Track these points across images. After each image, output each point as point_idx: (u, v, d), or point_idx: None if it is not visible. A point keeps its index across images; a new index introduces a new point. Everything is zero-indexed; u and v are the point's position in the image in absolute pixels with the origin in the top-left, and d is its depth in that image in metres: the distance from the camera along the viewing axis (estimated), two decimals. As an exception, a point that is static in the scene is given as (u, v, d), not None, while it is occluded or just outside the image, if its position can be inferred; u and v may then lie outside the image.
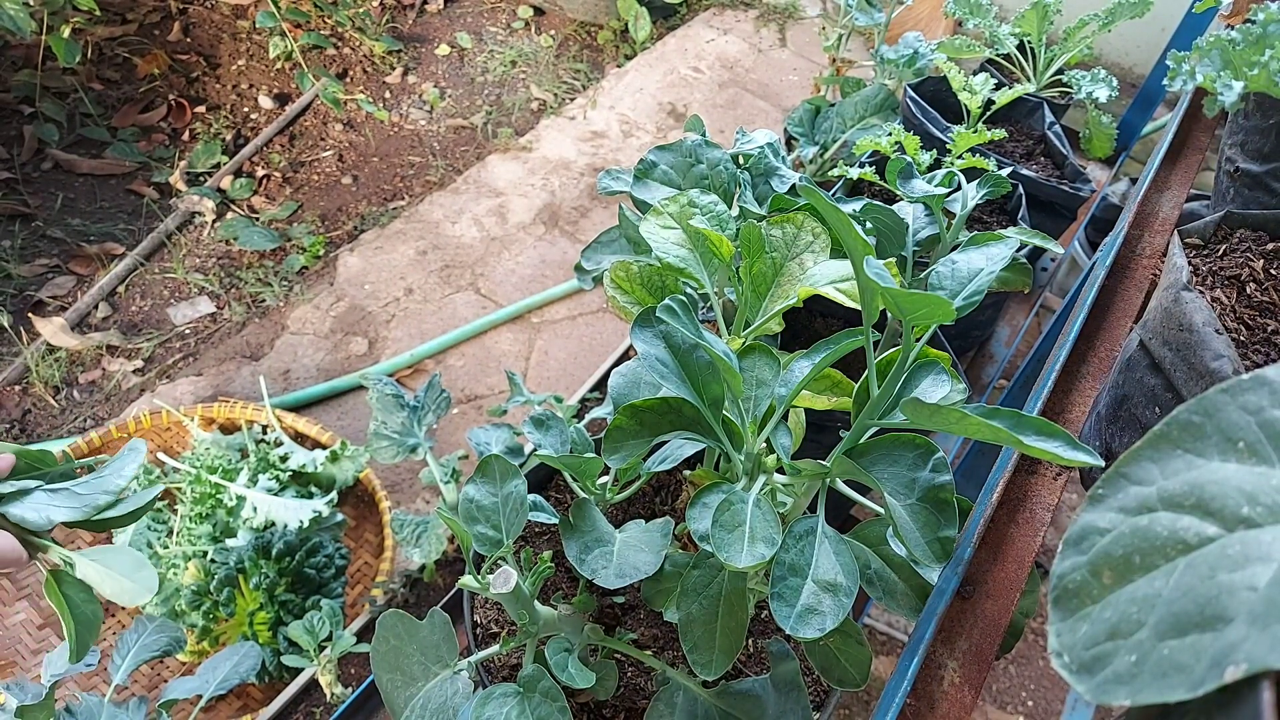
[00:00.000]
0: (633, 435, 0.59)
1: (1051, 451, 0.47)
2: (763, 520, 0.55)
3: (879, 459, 0.56)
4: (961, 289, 0.56)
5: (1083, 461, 0.46)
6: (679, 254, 0.75)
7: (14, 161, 2.28)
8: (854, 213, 0.91)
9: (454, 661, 0.63)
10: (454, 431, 1.89)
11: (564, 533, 0.65)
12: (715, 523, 0.54)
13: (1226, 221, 0.77)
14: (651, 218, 0.76)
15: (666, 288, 0.80)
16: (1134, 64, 2.96)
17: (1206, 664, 0.24)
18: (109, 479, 0.61)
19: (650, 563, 0.63)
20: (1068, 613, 0.29)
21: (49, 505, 0.59)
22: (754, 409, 0.63)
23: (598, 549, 0.64)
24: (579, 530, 0.65)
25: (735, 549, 0.53)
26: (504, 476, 0.64)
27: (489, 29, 3.05)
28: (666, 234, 0.76)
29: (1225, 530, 0.27)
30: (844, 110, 1.40)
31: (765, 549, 0.53)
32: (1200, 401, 0.30)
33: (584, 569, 0.62)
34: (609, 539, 0.66)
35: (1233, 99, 0.86)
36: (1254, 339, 0.67)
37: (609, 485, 0.78)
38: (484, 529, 0.62)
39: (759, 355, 0.64)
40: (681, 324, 0.57)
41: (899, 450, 0.56)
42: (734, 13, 3.26)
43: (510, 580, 0.60)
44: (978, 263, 0.56)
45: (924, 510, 0.54)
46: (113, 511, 0.61)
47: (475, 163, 2.54)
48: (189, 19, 2.73)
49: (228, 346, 2.00)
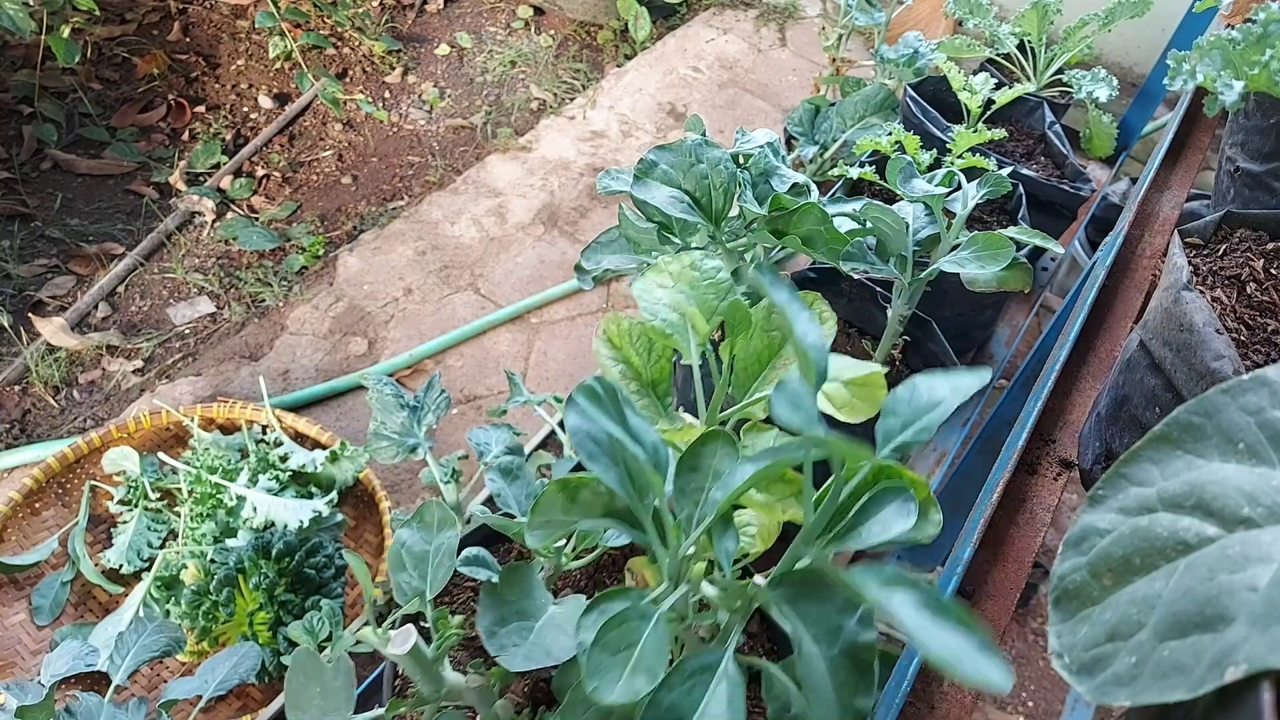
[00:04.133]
0: (561, 512, 0.52)
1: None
2: (657, 645, 0.47)
3: (805, 593, 0.48)
4: (915, 420, 0.48)
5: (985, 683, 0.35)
6: (667, 317, 0.69)
7: (13, 161, 2.28)
8: (854, 212, 0.91)
9: (347, 715, 0.59)
10: (454, 431, 1.89)
11: (483, 597, 0.57)
12: (599, 640, 0.46)
13: (1226, 221, 0.77)
14: (651, 275, 0.71)
15: (655, 351, 0.74)
16: (1134, 64, 2.96)
17: (1207, 664, 0.24)
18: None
19: (567, 649, 0.55)
20: (1068, 614, 0.29)
21: None
22: (694, 508, 0.54)
23: (515, 623, 0.57)
24: (502, 598, 0.58)
25: (609, 678, 0.45)
26: (441, 525, 0.60)
27: (488, 29, 3.05)
28: (660, 293, 0.70)
29: (1225, 531, 0.27)
30: (844, 110, 1.40)
31: (644, 683, 0.45)
32: (1200, 402, 0.30)
33: (491, 643, 0.55)
34: (535, 613, 0.58)
35: (1233, 99, 0.86)
36: (1254, 339, 0.67)
37: (565, 549, 0.72)
38: (408, 577, 0.58)
39: (720, 445, 0.55)
40: (603, 412, 0.49)
41: (829, 588, 0.47)
42: (734, 13, 3.26)
43: (408, 641, 0.55)
44: (940, 392, 0.48)
45: (845, 667, 0.44)
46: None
47: (474, 163, 2.54)
48: (188, 19, 2.73)
49: (227, 346, 2.00)
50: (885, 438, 0.46)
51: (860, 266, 0.90)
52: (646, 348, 0.73)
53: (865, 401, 0.65)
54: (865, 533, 0.47)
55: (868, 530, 0.47)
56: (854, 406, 0.66)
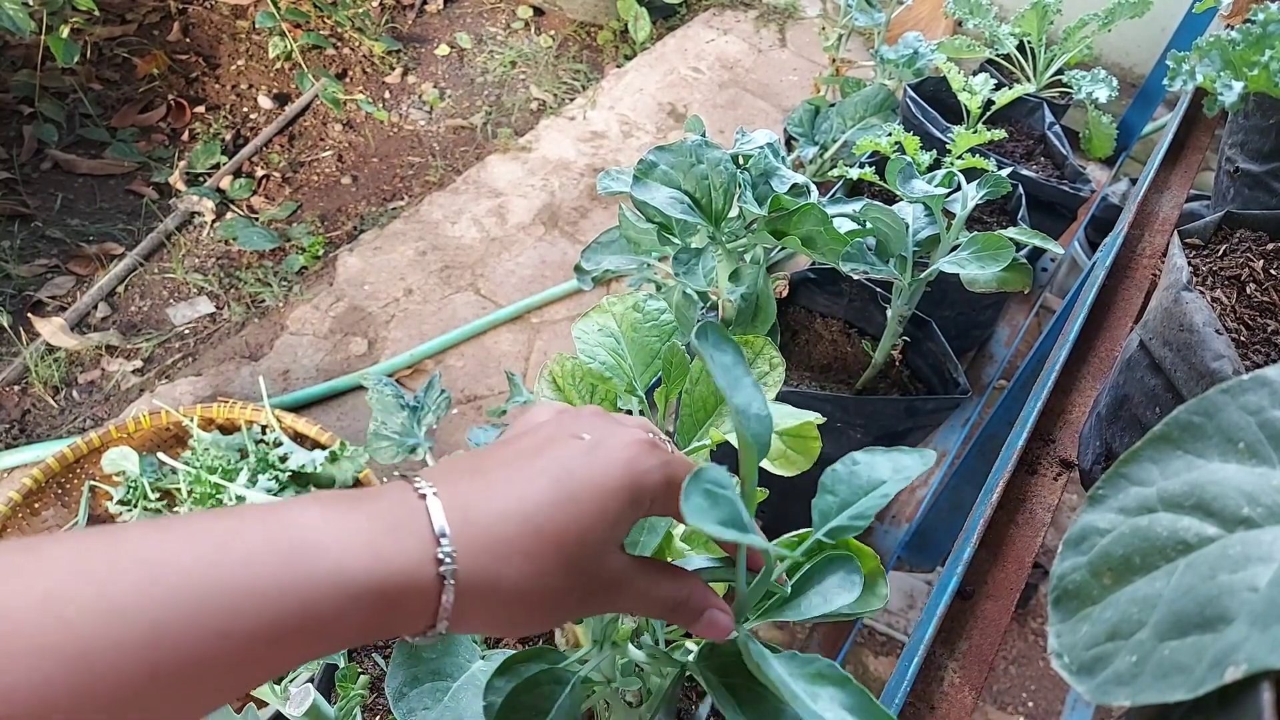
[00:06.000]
0: None
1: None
2: (571, 715, 0.44)
3: (738, 670, 0.43)
4: (854, 501, 0.44)
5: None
6: (605, 360, 0.66)
7: (13, 162, 2.28)
8: (854, 213, 0.91)
9: None
10: (454, 432, 1.89)
11: (396, 655, 0.52)
12: (507, 706, 0.43)
13: (1226, 221, 0.77)
14: (594, 315, 0.69)
15: (597, 395, 0.71)
16: (1134, 64, 2.96)
17: (1207, 664, 0.24)
18: None
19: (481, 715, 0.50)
20: (1068, 613, 0.29)
21: None
22: None
23: (429, 684, 0.51)
24: (417, 656, 0.52)
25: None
26: None
27: (489, 29, 3.05)
28: (599, 337, 0.67)
29: (1225, 531, 0.27)
30: (844, 110, 1.40)
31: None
32: (1200, 402, 0.30)
33: (398, 707, 0.50)
34: (453, 672, 0.52)
35: (1233, 99, 0.86)
36: (1254, 339, 0.67)
37: None
38: None
39: None
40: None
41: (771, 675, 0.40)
42: (734, 13, 3.26)
43: (305, 701, 0.51)
44: (881, 472, 0.45)
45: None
46: None
47: (475, 163, 2.54)
48: (188, 19, 2.73)
49: (227, 347, 2.00)
50: (822, 517, 0.44)
51: (860, 267, 0.90)
52: (589, 390, 0.70)
53: (801, 454, 0.64)
54: (804, 605, 0.44)
55: (807, 603, 0.44)
56: (789, 459, 0.64)
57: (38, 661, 0.26)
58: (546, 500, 0.36)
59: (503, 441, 0.41)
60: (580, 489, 0.37)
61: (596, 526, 0.36)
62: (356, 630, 0.33)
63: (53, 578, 0.27)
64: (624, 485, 0.38)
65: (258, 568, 0.30)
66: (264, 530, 0.31)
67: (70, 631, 0.27)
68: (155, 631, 0.28)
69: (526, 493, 0.36)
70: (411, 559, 0.33)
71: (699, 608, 0.41)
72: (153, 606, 0.28)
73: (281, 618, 0.30)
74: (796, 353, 1.14)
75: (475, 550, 0.34)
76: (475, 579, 0.34)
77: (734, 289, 0.86)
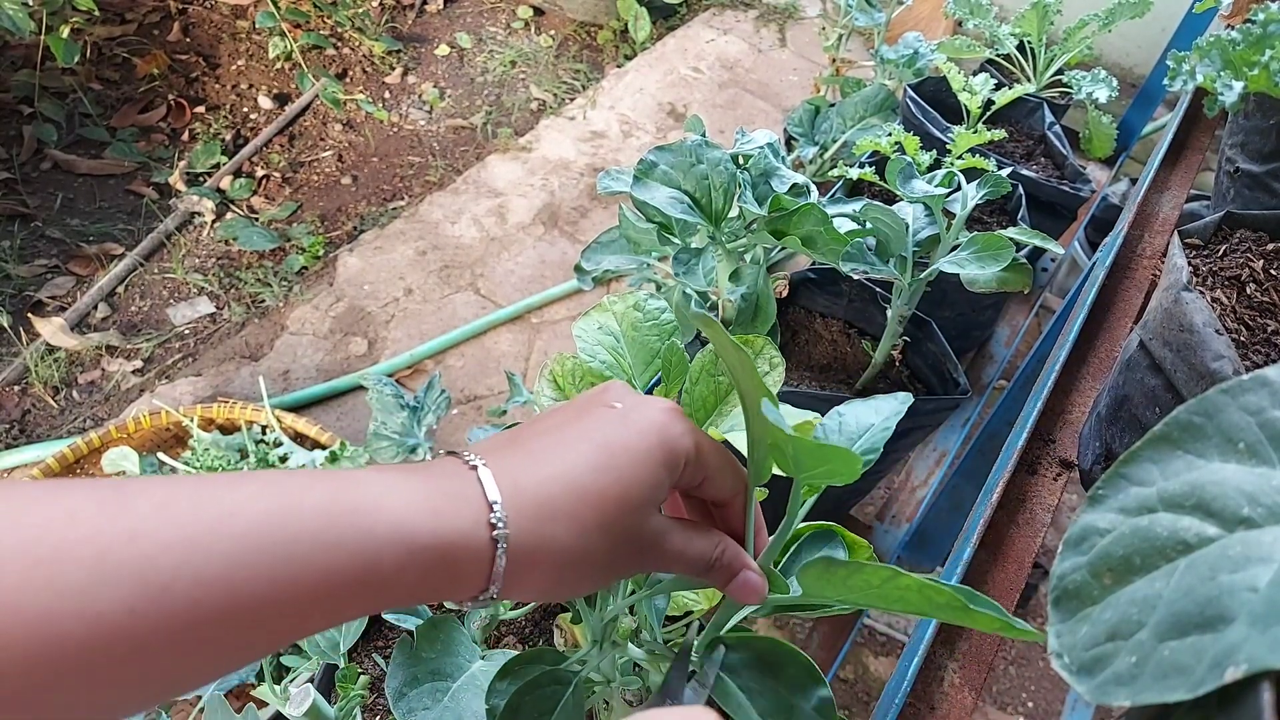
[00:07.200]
0: None
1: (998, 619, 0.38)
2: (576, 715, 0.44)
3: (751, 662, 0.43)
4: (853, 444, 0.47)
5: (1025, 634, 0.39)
6: (605, 359, 0.67)
7: (13, 161, 2.28)
8: (854, 213, 0.91)
9: None
10: (454, 432, 1.89)
11: (397, 653, 0.52)
12: (510, 707, 0.43)
13: (1226, 221, 0.77)
14: (594, 314, 0.69)
15: None
16: (1134, 64, 2.96)
17: (1207, 665, 0.24)
18: None
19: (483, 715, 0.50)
20: (1068, 614, 0.29)
21: None
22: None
23: (428, 684, 0.51)
24: (417, 656, 0.52)
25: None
26: None
27: (489, 29, 3.05)
28: (599, 335, 0.68)
29: (1225, 531, 0.27)
30: (844, 110, 1.40)
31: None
32: (1201, 402, 0.30)
33: (398, 707, 0.50)
34: (453, 673, 0.53)
35: (1233, 99, 0.86)
36: (1254, 339, 0.67)
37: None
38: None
39: None
40: None
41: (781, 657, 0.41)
42: (734, 13, 3.26)
43: (305, 701, 0.51)
44: (866, 418, 0.48)
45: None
46: None
47: (475, 163, 2.54)
48: (188, 19, 2.73)
49: (227, 347, 2.00)
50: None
51: (860, 267, 0.90)
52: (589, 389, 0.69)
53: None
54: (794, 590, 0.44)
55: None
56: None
57: (125, 592, 0.28)
58: (587, 465, 0.38)
59: (536, 419, 0.43)
60: (618, 453, 0.38)
61: (635, 488, 0.38)
62: (411, 587, 0.34)
63: (139, 514, 0.29)
64: (658, 447, 0.39)
65: (325, 519, 0.32)
66: (330, 488, 0.33)
67: (153, 565, 0.29)
68: (230, 572, 0.30)
69: (568, 459, 0.38)
70: (467, 523, 0.35)
71: (734, 568, 0.43)
72: (231, 550, 0.30)
73: (343, 568, 0.32)
74: (796, 353, 1.14)
75: (524, 516, 0.36)
76: (525, 543, 0.36)
77: (734, 289, 0.86)
